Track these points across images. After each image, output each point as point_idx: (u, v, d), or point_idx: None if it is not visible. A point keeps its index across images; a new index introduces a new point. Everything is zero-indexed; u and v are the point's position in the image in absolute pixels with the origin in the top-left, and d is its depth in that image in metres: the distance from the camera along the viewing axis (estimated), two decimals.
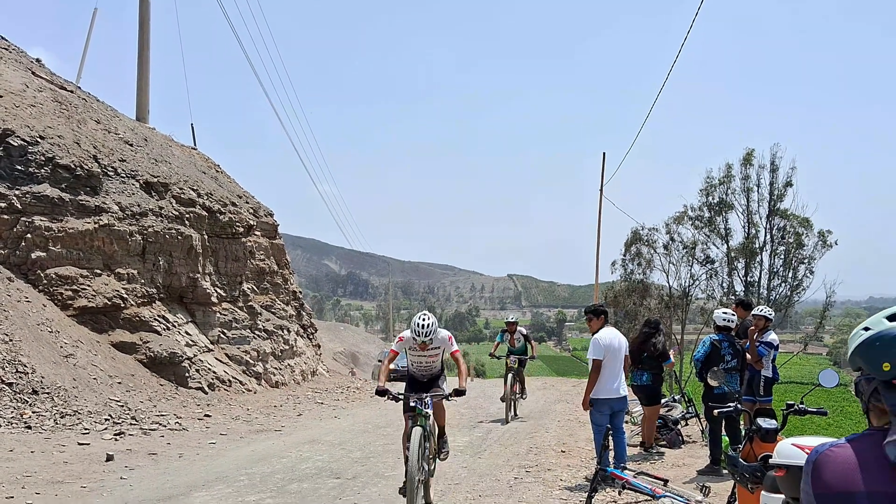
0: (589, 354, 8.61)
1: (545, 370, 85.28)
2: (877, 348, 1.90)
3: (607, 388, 8.47)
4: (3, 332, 11.58)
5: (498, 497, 7.87)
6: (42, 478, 8.12)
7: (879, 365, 1.88)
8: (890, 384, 1.87)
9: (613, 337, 8.65)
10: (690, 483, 8.22)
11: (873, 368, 1.90)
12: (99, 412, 11.51)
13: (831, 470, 1.89)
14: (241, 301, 19.24)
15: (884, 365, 1.87)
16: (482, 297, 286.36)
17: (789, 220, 29.23)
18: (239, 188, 22.99)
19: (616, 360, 8.52)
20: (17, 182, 14.13)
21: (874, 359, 1.90)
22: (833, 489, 1.87)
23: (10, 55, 17.88)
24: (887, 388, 1.87)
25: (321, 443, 11.38)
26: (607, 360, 8.46)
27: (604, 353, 8.45)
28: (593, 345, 8.60)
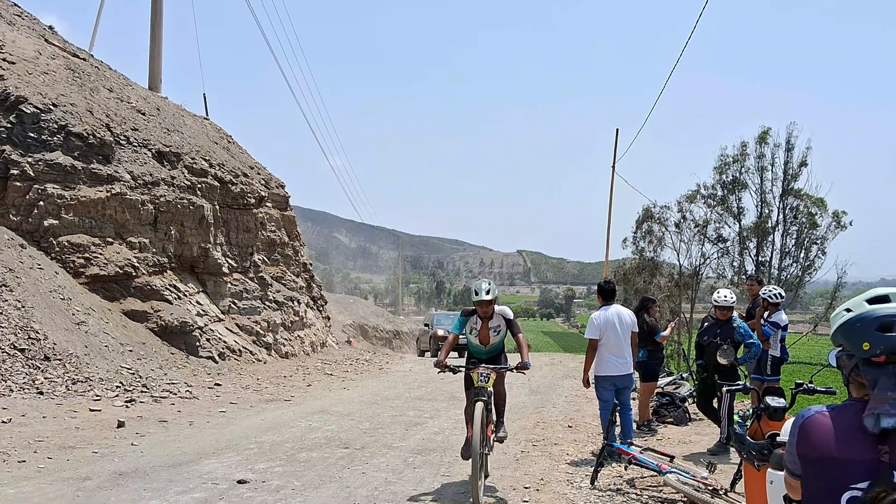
0: (586, 334, 8.75)
1: (553, 346, 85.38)
2: (857, 328, 2.09)
3: (609, 366, 8.56)
4: (15, 299, 11.67)
5: (504, 470, 7.92)
6: (54, 443, 8.22)
7: (860, 344, 2.08)
8: (869, 361, 2.07)
9: (613, 315, 8.65)
10: (695, 458, 8.25)
11: (854, 346, 2.11)
12: (110, 379, 11.62)
13: (815, 435, 2.09)
14: (251, 272, 19.31)
15: (864, 344, 2.07)
16: (491, 272, 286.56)
17: (803, 200, 28.99)
18: (251, 159, 22.98)
19: (617, 337, 8.55)
20: (30, 149, 14.15)
21: (855, 338, 2.10)
22: (816, 452, 2.07)
23: (23, 22, 17.84)
24: (866, 364, 2.08)
25: (330, 413, 11.47)
26: (606, 338, 8.52)
27: (599, 333, 8.52)
28: (589, 324, 8.75)
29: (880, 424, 1.98)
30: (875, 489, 1.94)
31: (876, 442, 1.99)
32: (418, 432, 10.05)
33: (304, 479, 7.27)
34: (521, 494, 6.93)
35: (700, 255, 30.26)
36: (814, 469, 2.09)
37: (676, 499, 6.74)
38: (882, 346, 2.04)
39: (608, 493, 7.04)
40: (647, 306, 10.74)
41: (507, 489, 7.10)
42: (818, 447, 2.08)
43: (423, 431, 10.13)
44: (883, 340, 2.04)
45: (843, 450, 2.03)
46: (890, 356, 2.04)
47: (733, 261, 30.10)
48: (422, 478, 7.48)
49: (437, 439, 9.57)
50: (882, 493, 1.93)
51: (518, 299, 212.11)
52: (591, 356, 8.59)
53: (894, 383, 2.02)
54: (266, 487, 6.88)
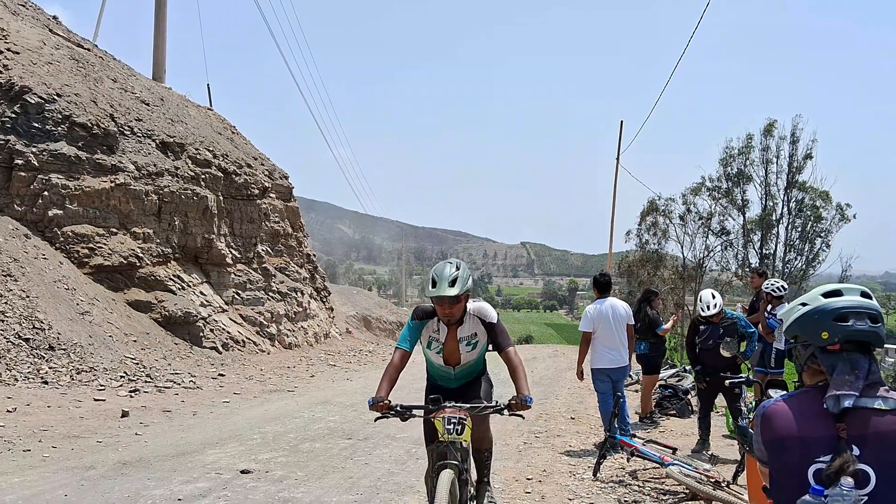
0: (580, 326, 8.80)
1: (556, 338, 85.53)
2: (815, 320, 2.33)
3: (602, 359, 8.62)
4: (20, 289, 11.69)
5: (507, 461, 7.93)
6: (58, 432, 8.25)
7: (818, 333, 2.31)
8: (825, 349, 2.31)
9: (608, 308, 8.69)
10: (696, 450, 8.26)
11: (812, 337, 2.34)
12: (114, 369, 11.65)
13: (777, 420, 2.29)
14: (255, 263, 19.33)
15: (822, 334, 2.31)
16: (495, 264, 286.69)
17: (808, 192, 28.94)
18: (254, 150, 22.97)
19: (611, 330, 8.59)
20: (34, 139, 14.16)
21: (813, 329, 2.34)
22: (779, 435, 2.27)
23: (28, 12, 17.83)
24: (823, 352, 2.32)
25: (333, 404, 11.49)
26: (600, 330, 8.57)
27: (593, 326, 8.58)
28: (583, 317, 8.82)
29: (840, 405, 2.20)
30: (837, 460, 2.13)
31: (834, 420, 2.20)
32: (421, 423, 10.06)
33: (308, 469, 7.29)
34: (523, 486, 6.94)
35: (704, 248, 30.28)
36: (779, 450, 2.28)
37: (678, 491, 6.75)
38: (839, 335, 2.28)
39: (610, 484, 7.05)
40: (650, 299, 10.73)
41: (509, 481, 7.12)
42: (781, 430, 2.27)
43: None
44: (839, 330, 2.28)
45: (804, 429, 2.24)
46: (844, 344, 2.29)
47: (737, 253, 30.08)
48: (424, 468, 7.49)
49: None
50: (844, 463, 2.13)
51: (521, 291, 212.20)
52: (585, 349, 8.67)
53: (850, 368, 2.25)
54: (269, 477, 6.91)
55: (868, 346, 2.31)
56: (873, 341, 2.31)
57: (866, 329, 2.29)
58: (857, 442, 2.19)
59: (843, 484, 2.12)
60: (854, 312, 2.31)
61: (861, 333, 2.28)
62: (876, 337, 2.30)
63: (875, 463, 2.17)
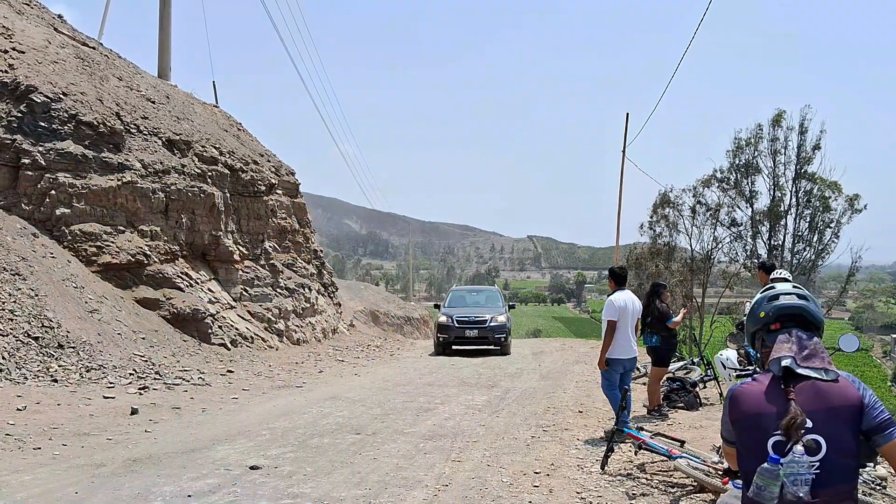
0: (604, 315, 8.92)
1: (564, 331, 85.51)
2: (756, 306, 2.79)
3: (621, 349, 8.86)
4: (28, 287, 11.75)
5: (515, 455, 7.94)
6: (68, 430, 8.30)
7: (759, 315, 2.76)
8: (768, 329, 2.73)
9: (628, 300, 9.04)
10: (705, 443, 8.25)
11: (755, 321, 2.77)
12: (123, 367, 11.70)
13: (741, 399, 2.61)
14: (262, 259, 19.37)
15: (760, 314, 2.75)
16: (502, 257, 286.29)
17: (817, 183, 28.81)
18: (261, 146, 23.00)
19: (628, 322, 8.94)
20: (41, 139, 14.21)
21: (755, 314, 2.78)
22: (743, 413, 2.59)
23: (32, 11, 17.87)
24: (768, 333, 2.73)
25: (341, 399, 11.52)
26: (621, 321, 8.82)
27: (618, 315, 8.81)
28: (608, 306, 8.93)
29: (780, 365, 2.58)
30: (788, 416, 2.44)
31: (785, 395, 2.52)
32: (429, 418, 10.09)
33: (316, 464, 7.32)
34: (531, 479, 6.95)
35: (712, 240, 30.20)
36: (743, 426, 2.58)
37: (687, 483, 6.75)
38: (772, 311, 2.72)
39: (618, 477, 7.05)
40: (659, 292, 10.71)
41: (517, 474, 7.12)
42: (744, 408, 2.58)
43: (434, 417, 10.16)
44: (772, 307, 2.72)
45: (763, 406, 2.54)
46: (784, 322, 2.70)
47: (746, 245, 30.00)
48: (433, 463, 7.52)
49: (447, 425, 9.60)
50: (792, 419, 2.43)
51: (529, 285, 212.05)
52: (611, 338, 8.79)
53: (787, 337, 2.65)
54: (278, 473, 6.93)
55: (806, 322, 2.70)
56: (806, 315, 2.70)
57: (795, 303, 2.70)
58: (810, 416, 2.47)
59: (796, 451, 2.41)
60: (784, 294, 2.75)
61: (791, 307, 2.70)
62: (806, 311, 2.70)
63: (824, 433, 2.45)
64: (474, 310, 20.71)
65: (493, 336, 19.69)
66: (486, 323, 19.73)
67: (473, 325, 19.73)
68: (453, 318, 19.89)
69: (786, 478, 2.40)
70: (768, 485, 2.42)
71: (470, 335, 19.67)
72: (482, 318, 19.80)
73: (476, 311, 20.44)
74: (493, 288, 24.74)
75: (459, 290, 24.08)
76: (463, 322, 19.79)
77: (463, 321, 19.81)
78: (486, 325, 19.70)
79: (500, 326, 19.76)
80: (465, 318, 19.89)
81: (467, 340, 19.87)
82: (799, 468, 2.40)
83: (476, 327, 19.69)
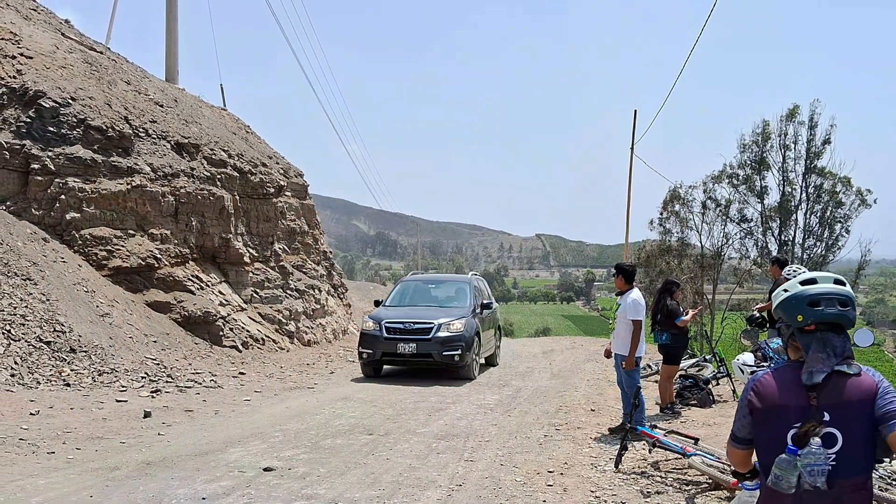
0: (632, 315, 8.89)
1: (574, 329, 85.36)
2: (793, 305, 2.75)
3: (642, 347, 9.02)
4: (40, 292, 11.79)
5: (528, 454, 7.93)
6: (82, 434, 8.32)
7: (795, 316, 2.73)
8: (802, 330, 2.73)
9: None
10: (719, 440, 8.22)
11: (791, 319, 2.76)
12: (135, 370, 11.73)
13: (764, 389, 2.72)
14: (272, 261, 19.39)
15: (798, 317, 2.72)
16: (510, 256, 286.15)
17: (827, 178, 28.67)
18: (269, 149, 23.03)
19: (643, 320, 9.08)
20: (50, 144, 14.25)
21: (791, 312, 2.75)
22: (766, 403, 2.70)
23: (39, 16, 17.94)
24: (800, 332, 2.74)
25: (353, 400, 11.52)
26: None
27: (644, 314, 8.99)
28: (637, 305, 8.96)
29: (813, 379, 2.62)
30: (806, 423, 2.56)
31: (807, 391, 2.63)
32: (441, 417, 10.08)
33: (330, 465, 7.32)
34: (545, 479, 6.94)
35: (722, 236, 30.10)
36: (763, 417, 2.70)
37: (701, 481, 6.72)
38: (811, 318, 2.70)
39: (632, 476, 7.03)
40: (671, 289, 10.67)
41: (531, 473, 7.11)
42: (767, 398, 2.70)
43: (446, 417, 10.15)
44: (812, 314, 2.70)
45: (785, 399, 2.67)
46: (818, 325, 2.70)
47: (757, 241, 29.89)
48: (446, 463, 7.51)
49: (460, 424, 9.59)
50: (812, 426, 2.55)
51: (538, 283, 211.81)
52: (639, 337, 8.89)
53: (821, 347, 2.66)
54: (292, 474, 6.94)
55: (840, 327, 2.71)
56: (843, 323, 2.71)
57: (836, 313, 2.69)
58: (828, 409, 2.60)
59: (813, 443, 2.53)
60: (826, 298, 2.70)
61: (831, 316, 2.69)
62: (844, 319, 2.70)
63: (841, 426, 2.59)
64: (421, 311, 14.53)
65: (440, 352, 13.44)
66: (431, 332, 13.54)
67: (410, 335, 13.63)
68: (382, 325, 13.85)
69: (803, 468, 2.53)
70: (786, 474, 2.55)
71: (404, 351, 13.56)
72: (425, 326, 13.66)
73: (420, 315, 14.16)
74: (464, 278, 16.84)
75: (412, 279, 17.44)
76: (395, 331, 13.71)
77: (395, 330, 13.72)
78: (429, 337, 13.52)
79: (453, 338, 13.55)
80: (399, 326, 13.75)
81: (400, 359, 13.86)
82: (816, 459, 2.53)
83: (414, 339, 13.58)
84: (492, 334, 16.14)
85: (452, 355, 13.43)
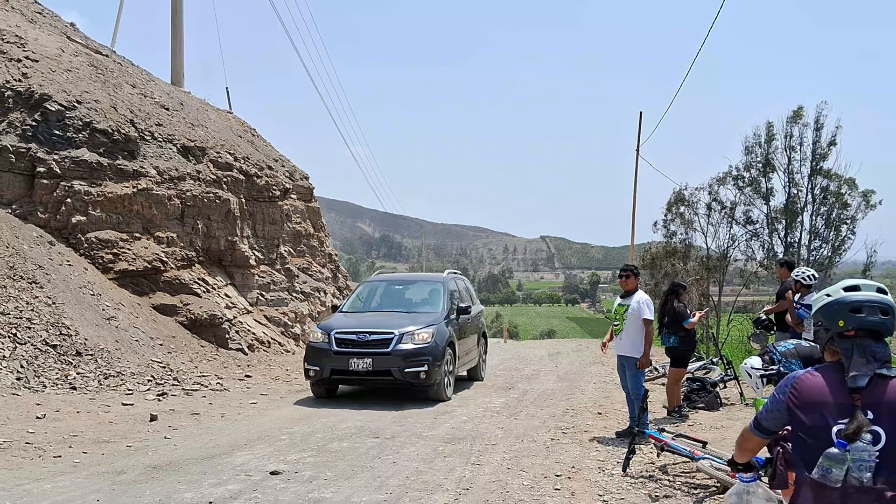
0: (647, 314, 8.91)
1: (579, 331, 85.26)
2: (835, 310, 2.82)
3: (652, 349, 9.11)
4: (46, 296, 11.80)
5: (535, 458, 7.90)
6: (88, 437, 8.31)
7: (836, 322, 2.81)
8: (842, 335, 2.80)
9: None
10: (727, 444, 8.18)
11: (832, 324, 2.83)
12: (141, 373, 11.73)
13: (809, 386, 2.79)
14: (278, 263, 19.39)
15: (839, 322, 2.80)
16: (515, 258, 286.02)
17: (833, 180, 28.56)
18: (275, 152, 23.05)
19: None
20: (56, 147, 14.28)
21: (833, 317, 2.82)
22: (810, 398, 2.77)
23: (45, 19, 17.98)
24: (840, 337, 2.81)
25: (359, 402, 11.49)
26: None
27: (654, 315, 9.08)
28: (651, 305, 9.05)
29: (857, 383, 2.70)
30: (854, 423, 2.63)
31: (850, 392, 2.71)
32: (447, 420, 10.05)
33: (336, 469, 7.30)
34: (552, 482, 6.91)
35: (728, 238, 30.01)
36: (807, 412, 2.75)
37: (709, 484, 6.69)
38: (853, 324, 2.77)
39: (640, 479, 7.01)
40: (678, 292, 10.63)
41: (538, 477, 7.09)
42: (812, 394, 2.77)
43: (452, 420, 10.12)
44: (854, 320, 2.77)
45: (830, 396, 2.74)
46: (858, 331, 2.77)
47: (763, 243, 29.79)
48: (452, 466, 7.49)
49: (466, 427, 9.56)
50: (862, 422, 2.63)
51: (542, 285, 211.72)
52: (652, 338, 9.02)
53: (862, 353, 2.74)
54: (299, 478, 6.92)
55: (879, 334, 2.78)
56: (883, 331, 2.79)
57: (877, 321, 2.77)
58: (872, 408, 2.68)
59: (863, 438, 2.62)
60: (868, 306, 2.78)
61: (872, 324, 2.77)
62: (885, 328, 2.78)
63: (886, 425, 2.66)
64: (382, 318, 12.22)
65: (402, 368, 11.10)
66: (391, 344, 11.19)
67: (365, 347, 11.24)
68: (331, 336, 11.42)
69: (852, 462, 2.62)
70: (835, 468, 2.63)
71: (357, 367, 11.10)
72: (384, 337, 11.27)
73: (379, 323, 11.85)
74: (437, 278, 14.03)
75: (377, 280, 14.67)
76: (347, 343, 11.30)
77: (347, 342, 11.31)
78: (388, 350, 11.16)
79: (418, 351, 11.21)
80: (351, 338, 11.32)
81: (354, 377, 11.49)
82: (864, 454, 2.62)
83: (370, 353, 11.18)
84: (473, 343, 13.75)
85: (417, 372, 11.11)
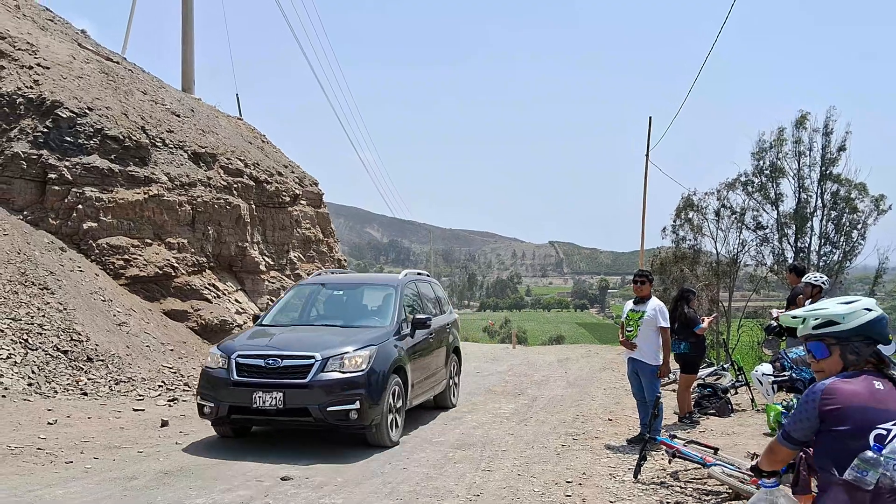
0: (662, 322, 8.85)
1: (588, 337, 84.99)
2: (883, 325, 2.95)
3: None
4: (57, 301, 11.85)
5: (546, 464, 7.89)
6: (99, 443, 8.34)
7: (886, 336, 2.95)
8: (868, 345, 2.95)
9: None
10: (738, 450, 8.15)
11: (881, 337, 2.96)
12: (152, 379, 11.76)
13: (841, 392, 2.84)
14: (288, 269, 19.43)
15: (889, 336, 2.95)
16: (523, 264, 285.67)
17: (842, 184, 28.45)
18: (284, 158, 23.11)
19: None
20: (67, 153, 14.35)
21: (881, 331, 2.96)
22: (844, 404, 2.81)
23: (56, 27, 18.08)
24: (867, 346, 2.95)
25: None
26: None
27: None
28: (666, 312, 9.00)
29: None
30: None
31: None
32: (457, 426, 10.05)
33: (347, 475, 7.31)
34: (563, 489, 6.89)
35: (738, 243, 29.91)
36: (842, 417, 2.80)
37: (721, 491, 6.66)
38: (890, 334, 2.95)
39: (652, 486, 6.98)
40: (688, 297, 10.59)
41: (549, 483, 7.07)
42: (846, 400, 2.82)
43: (462, 426, 10.12)
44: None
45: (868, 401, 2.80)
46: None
47: (773, 248, 29.68)
48: (463, 472, 7.48)
49: (476, 433, 9.55)
50: None
51: (551, 291, 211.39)
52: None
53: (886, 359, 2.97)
54: (309, 484, 6.93)
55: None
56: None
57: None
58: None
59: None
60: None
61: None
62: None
63: None
64: (305, 335, 9.19)
65: (323, 406, 8.00)
66: (311, 373, 8.12)
67: (275, 376, 8.19)
68: (232, 361, 8.37)
69: (884, 465, 2.71)
70: (869, 470, 2.72)
71: (264, 404, 8.03)
72: (300, 363, 8.22)
73: (299, 342, 8.81)
74: (390, 281, 10.86)
75: (314, 282, 11.21)
76: (250, 370, 8.28)
77: (250, 368, 8.29)
78: (306, 381, 8.09)
79: (348, 381, 8.13)
80: (258, 363, 8.29)
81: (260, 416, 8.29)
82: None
83: (282, 384, 8.12)
84: (440, 363, 10.90)
85: (346, 411, 8.04)
